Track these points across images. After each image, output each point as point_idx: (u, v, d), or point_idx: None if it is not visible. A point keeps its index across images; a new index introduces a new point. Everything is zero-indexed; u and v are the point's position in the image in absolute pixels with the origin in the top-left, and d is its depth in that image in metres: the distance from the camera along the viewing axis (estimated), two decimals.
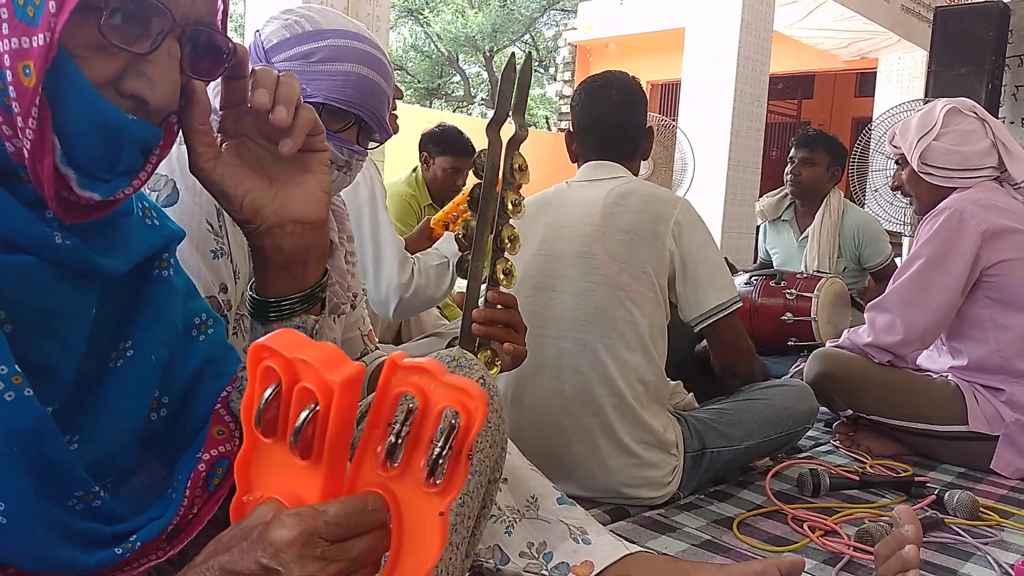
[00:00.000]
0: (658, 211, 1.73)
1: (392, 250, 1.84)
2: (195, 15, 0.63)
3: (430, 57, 18.71)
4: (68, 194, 0.60)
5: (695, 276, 1.73)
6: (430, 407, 0.50)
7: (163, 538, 0.71)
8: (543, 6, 17.44)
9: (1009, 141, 2.19)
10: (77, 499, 0.64)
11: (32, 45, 0.55)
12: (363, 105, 1.11)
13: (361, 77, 1.10)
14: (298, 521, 0.49)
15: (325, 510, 0.50)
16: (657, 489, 1.71)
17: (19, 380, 0.58)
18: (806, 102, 11.42)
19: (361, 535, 0.51)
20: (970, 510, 1.70)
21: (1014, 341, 2.09)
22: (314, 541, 0.49)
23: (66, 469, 0.63)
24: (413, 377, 0.51)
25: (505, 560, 1.20)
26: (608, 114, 1.84)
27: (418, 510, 0.52)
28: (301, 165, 0.73)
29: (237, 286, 1.06)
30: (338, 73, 1.09)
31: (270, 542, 0.49)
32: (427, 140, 3.33)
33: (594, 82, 1.90)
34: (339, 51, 1.10)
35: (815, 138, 3.50)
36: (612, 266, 1.70)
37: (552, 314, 1.72)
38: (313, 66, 1.09)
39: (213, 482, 0.77)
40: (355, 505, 0.51)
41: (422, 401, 0.50)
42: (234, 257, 1.04)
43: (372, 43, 1.14)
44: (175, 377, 0.77)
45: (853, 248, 3.46)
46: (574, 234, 1.74)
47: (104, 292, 0.68)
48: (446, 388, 0.50)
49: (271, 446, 0.52)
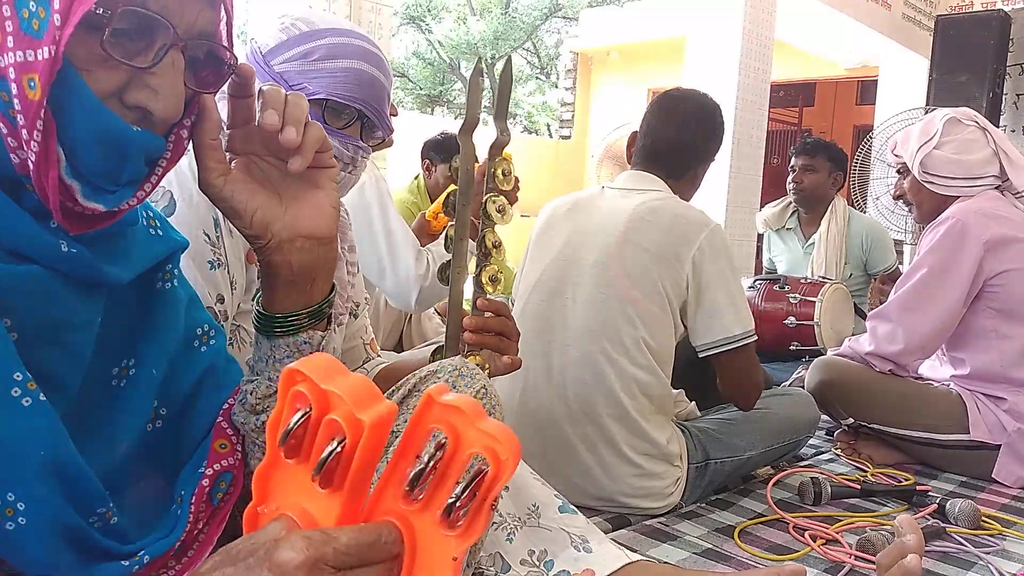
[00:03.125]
0: (684, 233, 1.68)
1: (406, 243, 1.85)
2: (198, 28, 0.64)
3: (432, 64, 18.74)
4: (73, 205, 0.60)
5: (709, 305, 1.69)
6: (461, 448, 0.50)
7: (171, 555, 0.71)
8: (545, 14, 17.48)
9: (1010, 150, 2.19)
10: (98, 516, 0.65)
11: (37, 58, 0.55)
12: (364, 100, 1.12)
13: (361, 72, 1.11)
14: (307, 545, 0.48)
15: (337, 537, 0.49)
16: (659, 500, 1.70)
17: (34, 387, 0.59)
18: (807, 110, 11.43)
19: (370, 565, 0.50)
20: (972, 519, 1.70)
21: (1017, 351, 2.09)
22: (320, 568, 0.48)
23: (86, 480, 0.63)
24: (448, 415, 0.50)
25: (506, 568, 1.19)
26: (667, 127, 1.80)
27: (432, 549, 0.51)
28: (310, 181, 0.74)
29: (233, 297, 1.06)
30: (339, 70, 1.10)
31: (276, 563, 0.49)
32: (429, 148, 3.33)
33: (672, 93, 1.87)
34: (338, 48, 1.11)
35: (814, 145, 3.51)
36: (624, 280, 1.68)
37: (562, 322, 1.72)
38: (314, 64, 1.10)
39: (217, 496, 0.77)
40: (369, 535, 0.50)
41: (453, 441, 0.50)
42: (231, 268, 1.04)
43: (369, 40, 1.15)
44: (175, 388, 0.77)
45: (860, 254, 3.47)
46: (595, 242, 1.73)
47: (109, 303, 0.68)
48: (479, 433, 0.49)
49: (292, 466, 0.52)
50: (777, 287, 3.04)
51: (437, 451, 0.50)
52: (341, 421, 0.49)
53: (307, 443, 0.51)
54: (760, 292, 3.05)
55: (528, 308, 1.77)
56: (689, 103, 1.83)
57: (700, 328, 1.72)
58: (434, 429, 0.51)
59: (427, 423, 0.51)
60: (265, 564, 0.49)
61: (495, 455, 0.49)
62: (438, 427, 0.50)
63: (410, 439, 0.52)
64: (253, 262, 1.08)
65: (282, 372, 0.51)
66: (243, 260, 1.08)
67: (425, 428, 0.51)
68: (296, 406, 0.51)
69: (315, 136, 0.71)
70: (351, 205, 1.76)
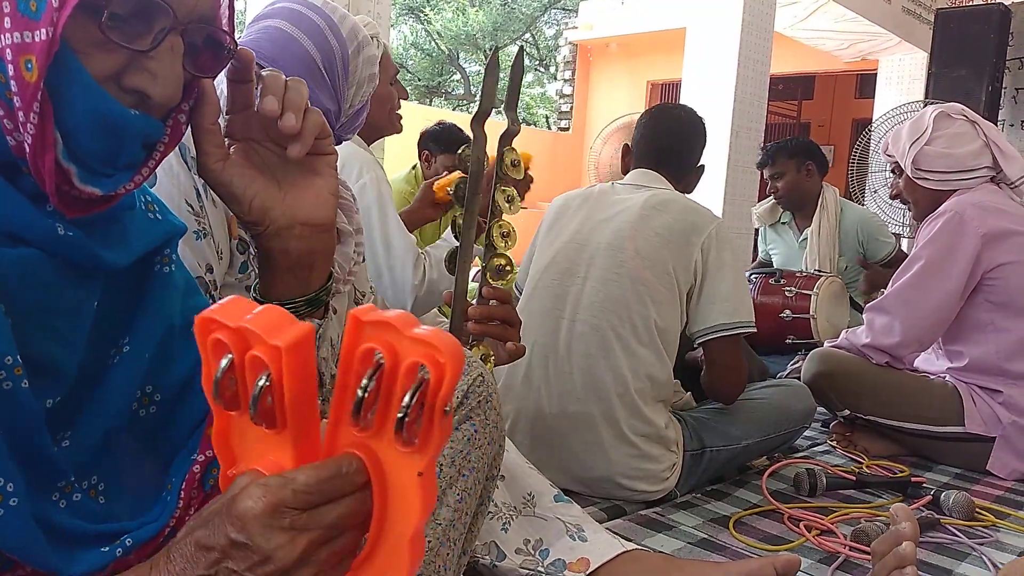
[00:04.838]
0: (694, 223, 1.77)
1: (404, 251, 1.83)
2: (198, 12, 0.63)
3: (431, 55, 18.69)
4: (69, 188, 0.60)
5: (710, 291, 1.75)
6: (399, 363, 0.48)
7: (160, 540, 0.71)
8: (544, 5, 17.43)
9: (1001, 141, 2.20)
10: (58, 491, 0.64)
11: (34, 40, 0.55)
12: (273, 60, 1.08)
13: (279, 31, 1.09)
14: (264, 492, 0.48)
15: (294, 478, 0.48)
16: (655, 483, 1.71)
17: (19, 372, 0.59)
18: (806, 103, 11.40)
19: (337, 500, 0.49)
20: (966, 511, 1.71)
21: (1014, 343, 2.09)
22: (281, 512, 0.47)
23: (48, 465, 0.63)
24: (379, 333, 0.48)
25: (501, 556, 1.20)
26: (665, 128, 1.95)
27: (398, 471, 0.49)
28: (309, 167, 0.73)
29: (220, 265, 1.05)
30: (260, 28, 1.10)
31: (237, 515, 0.48)
32: (427, 139, 3.33)
33: (664, 104, 2.05)
34: (274, 11, 1.11)
35: (770, 152, 3.47)
36: (638, 261, 1.73)
37: (572, 298, 1.76)
38: (253, 24, 1.11)
39: (209, 482, 0.77)
40: (327, 470, 0.48)
41: (390, 357, 0.48)
42: (216, 237, 1.04)
43: (317, 10, 1.13)
44: (169, 373, 0.76)
45: (857, 245, 3.45)
46: (609, 226, 1.79)
47: (105, 287, 0.68)
48: (414, 343, 0.47)
49: (239, 418, 0.50)
50: (773, 281, 3.05)
51: (375, 373, 0.48)
52: (261, 355, 0.47)
53: (242, 390, 0.49)
54: (756, 286, 3.06)
55: (540, 288, 1.81)
56: (682, 109, 2.03)
57: (698, 314, 1.76)
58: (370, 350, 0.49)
59: (360, 344, 0.49)
60: (227, 519, 0.48)
61: (434, 360, 0.47)
62: (372, 345, 0.49)
63: (347, 365, 0.50)
64: (235, 236, 1.07)
65: (195, 322, 0.49)
66: (226, 230, 1.07)
67: (360, 350, 0.49)
68: (219, 355, 0.49)
69: (314, 122, 0.71)
70: None
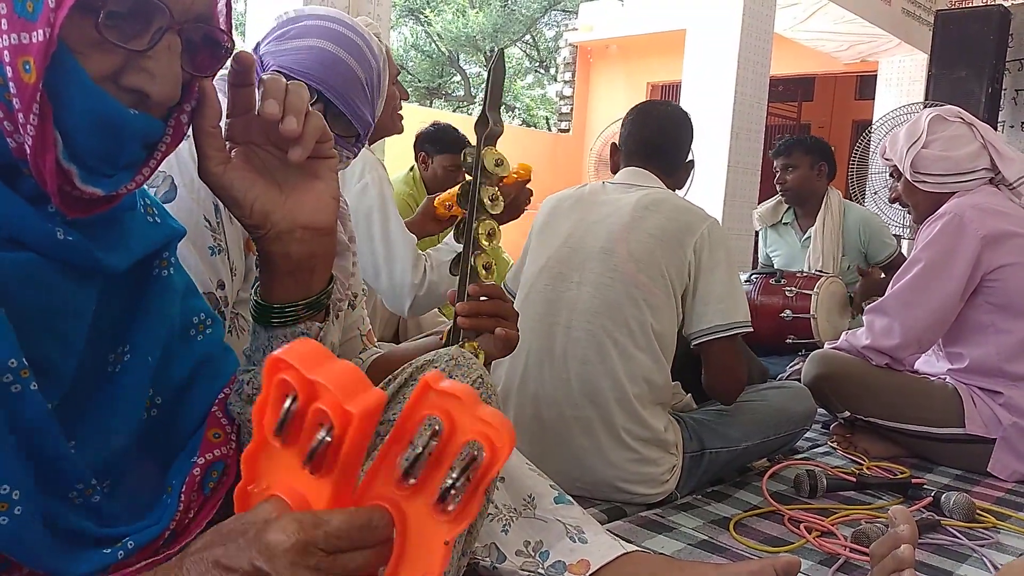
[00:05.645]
0: (687, 222, 1.76)
1: (404, 251, 1.84)
2: (195, 11, 0.63)
3: (431, 56, 18.69)
4: (71, 189, 0.60)
5: (705, 292, 1.74)
6: (456, 435, 0.50)
7: (160, 543, 0.71)
8: (544, 6, 17.43)
9: (998, 142, 2.19)
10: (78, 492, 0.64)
11: (32, 41, 0.55)
12: (323, 80, 1.09)
13: (324, 51, 1.10)
14: (297, 528, 0.48)
15: (328, 520, 0.49)
16: (655, 487, 1.71)
17: (26, 374, 0.59)
18: (806, 104, 11.40)
19: (361, 549, 0.50)
20: (966, 512, 1.70)
21: (1014, 345, 2.09)
22: (310, 551, 0.48)
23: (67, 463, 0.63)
24: (444, 402, 0.50)
25: (501, 558, 1.20)
26: (653, 125, 1.92)
27: (424, 533, 0.51)
28: (310, 171, 0.73)
29: (234, 283, 1.06)
30: (303, 47, 1.10)
31: (266, 545, 0.48)
32: (423, 140, 3.32)
33: (650, 101, 2.04)
34: (310, 28, 1.12)
35: (789, 144, 3.49)
36: (631, 264, 1.72)
37: (567, 303, 1.75)
38: (284, 43, 1.11)
39: (208, 485, 0.77)
40: (360, 519, 0.49)
41: (448, 427, 0.50)
42: (231, 254, 1.04)
43: (351, 27, 1.14)
44: (169, 377, 0.76)
45: (859, 246, 3.46)
46: (601, 230, 1.77)
47: (104, 290, 0.68)
48: (475, 420, 0.49)
49: (279, 447, 0.51)
50: (773, 281, 3.04)
51: (432, 438, 0.50)
52: (329, 412, 0.48)
53: (294, 427, 0.50)
54: (756, 286, 3.05)
55: (533, 293, 1.79)
56: (669, 104, 2.02)
57: (694, 315, 1.75)
58: (428, 416, 0.51)
59: (422, 410, 0.51)
60: (255, 546, 0.49)
61: (491, 442, 0.49)
62: (434, 413, 0.50)
63: (404, 425, 0.51)
64: (252, 251, 1.08)
65: (266, 361, 0.50)
66: (242, 247, 1.07)
67: (420, 414, 0.51)
68: (282, 394, 0.50)
69: (315, 126, 0.71)
70: (352, 206, 1.75)
